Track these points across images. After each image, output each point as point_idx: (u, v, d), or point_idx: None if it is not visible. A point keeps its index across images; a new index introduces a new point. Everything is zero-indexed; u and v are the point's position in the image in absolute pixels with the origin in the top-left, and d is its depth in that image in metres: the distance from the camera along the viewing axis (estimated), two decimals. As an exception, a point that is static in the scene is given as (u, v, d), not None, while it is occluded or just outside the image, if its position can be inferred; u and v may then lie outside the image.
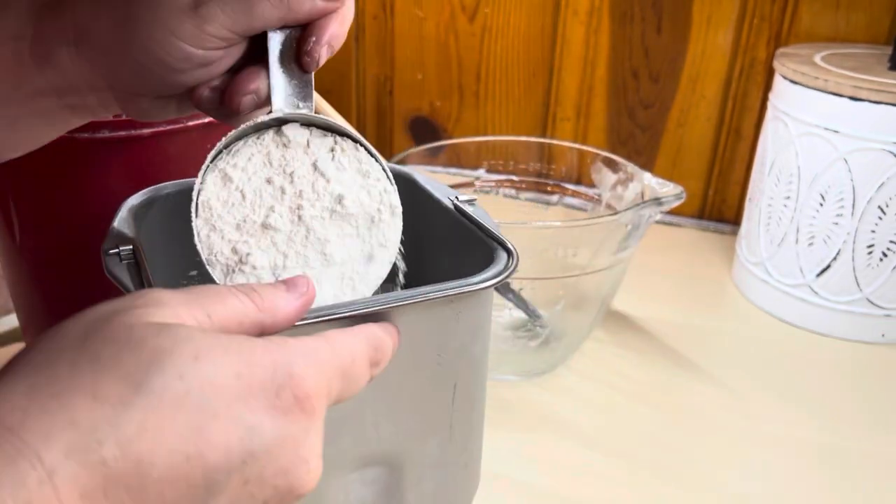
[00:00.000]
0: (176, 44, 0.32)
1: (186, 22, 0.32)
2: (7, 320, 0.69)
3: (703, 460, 0.57)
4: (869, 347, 0.72)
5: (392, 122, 1.06)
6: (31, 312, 0.58)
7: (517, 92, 0.99)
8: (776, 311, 0.76)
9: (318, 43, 0.34)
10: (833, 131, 0.68)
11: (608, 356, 0.69)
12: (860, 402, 0.64)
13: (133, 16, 0.33)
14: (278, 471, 0.24)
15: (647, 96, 0.93)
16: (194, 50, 0.33)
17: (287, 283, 0.28)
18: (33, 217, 0.52)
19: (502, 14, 0.95)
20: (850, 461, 0.57)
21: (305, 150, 0.36)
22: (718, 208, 0.96)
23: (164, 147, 0.51)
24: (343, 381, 0.27)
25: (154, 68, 0.33)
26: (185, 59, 0.33)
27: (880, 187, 0.67)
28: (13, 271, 0.56)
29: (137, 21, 0.33)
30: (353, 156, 0.36)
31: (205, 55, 0.33)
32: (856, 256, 0.70)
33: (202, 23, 0.32)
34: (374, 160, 0.37)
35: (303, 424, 0.24)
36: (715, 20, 0.87)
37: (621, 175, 0.68)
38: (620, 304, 0.75)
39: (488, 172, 0.76)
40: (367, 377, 0.29)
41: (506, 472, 0.55)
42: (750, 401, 0.64)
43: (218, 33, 0.33)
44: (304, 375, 0.25)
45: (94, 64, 0.34)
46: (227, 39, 0.33)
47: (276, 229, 0.35)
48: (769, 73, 0.86)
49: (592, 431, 0.59)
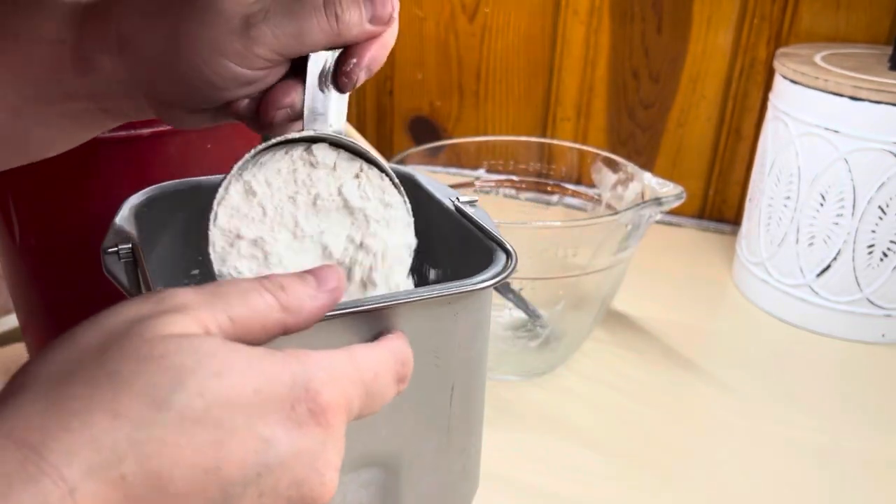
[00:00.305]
0: (223, 63, 0.33)
1: (236, 42, 0.32)
2: (7, 320, 0.69)
3: (704, 460, 0.57)
4: (869, 347, 0.72)
5: (392, 122, 1.06)
6: (31, 312, 0.58)
7: (517, 92, 0.99)
8: (776, 311, 0.76)
9: (357, 65, 0.34)
10: (833, 131, 0.68)
11: (608, 356, 0.69)
12: (860, 402, 0.64)
13: (182, 32, 0.33)
14: (292, 482, 0.24)
15: (648, 96, 0.93)
16: (241, 70, 0.33)
17: (317, 276, 0.27)
18: (33, 217, 0.52)
19: (502, 14, 0.95)
20: (850, 461, 0.57)
21: (332, 172, 0.35)
22: (718, 208, 0.96)
23: (164, 147, 0.51)
24: (365, 397, 0.27)
25: (198, 84, 0.33)
26: (232, 78, 0.33)
27: (880, 187, 0.67)
28: (13, 271, 0.56)
29: (186, 37, 0.33)
30: (378, 185, 0.36)
31: (251, 75, 0.33)
32: (856, 256, 0.70)
33: (251, 44, 0.32)
34: (397, 192, 0.37)
35: (319, 438, 0.24)
36: (715, 20, 0.87)
37: (621, 175, 0.68)
38: (620, 304, 0.75)
39: (488, 172, 0.75)
40: (392, 392, 0.29)
41: (506, 472, 0.55)
42: (750, 401, 0.64)
43: (266, 55, 0.33)
44: (321, 390, 0.25)
45: (134, 74, 0.35)
46: (274, 61, 0.33)
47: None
48: (769, 73, 0.86)
49: (592, 431, 0.59)
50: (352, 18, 0.33)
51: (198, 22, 0.32)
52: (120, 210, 0.41)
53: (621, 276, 0.64)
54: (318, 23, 0.33)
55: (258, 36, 0.32)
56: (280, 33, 0.32)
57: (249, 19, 0.32)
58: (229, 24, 0.32)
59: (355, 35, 0.34)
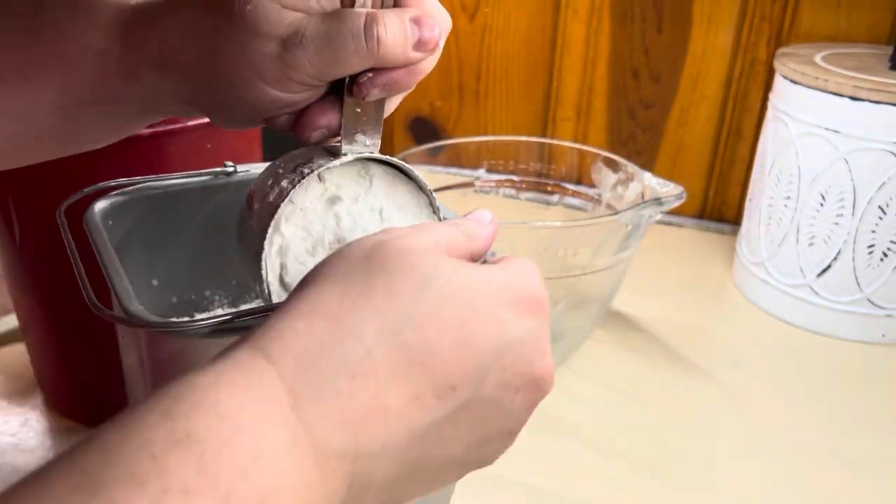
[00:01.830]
0: (260, 86, 0.32)
1: (272, 67, 0.31)
2: (7, 320, 0.69)
3: (703, 460, 0.57)
4: (869, 347, 0.72)
5: (392, 122, 1.06)
6: (31, 312, 0.58)
7: (517, 92, 0.99)
8: (776, 311, 0.76)
9: (371, 81, 0.33)
10: (833, 131, 0.68)
11: (608, 356, 0.69)
12: (860, 402, 0.64)
13: (222, 51, 0.32)
14: (526, 361, 0.28)
15: (648, 96, 0.93)
16: (279, 94, 0.32)
17: (475, 218, 0.32)
18: (33, 217, 0.52)
19: (502, 14, 0.95)
20: (851, 461, 0.57)
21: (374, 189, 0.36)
22: (719, 208, 0.96)
23: (164, 147, 0.51)
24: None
25: (237, 102, 0.33)
26: (270, 101, 0.33)
27: (881, 187, 0.67)
28: (13, 271, 0.56)
29: (225, 57, 0.32)
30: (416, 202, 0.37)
31: (288, 98, 0.33)
32: (856, 256, 0.70)
33: (287, 70, 0.31)
34: (432, 209, 0.37)
35: (539, 323, 0.29)
36: (715, 20, 0.87)
37: (621, 175, 0.68)
38: (620, 304, 0.75)
39: (488, 172, 0.75)
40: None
41: (506, 473, 0.55)
42: (750, 401, 0.64)
43: (302, 80, 0.32)
44: (535, 285, 0.29)
45: (176, 87, 0.35)
46: (311, 85, 0.33)
47: None
48: (769, 73, 0.86)
49: (592, 431, 0.59)
50: (396, 42, 0.31)
51: (236, 43, 0.32)
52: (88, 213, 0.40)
53: (621, 276, 0.64)
54: (357, 48, 0.31)
55: (293, 62, 0.31)
56: (316, 60, 0.31)
57: (286, 42, 0.31)
58: (266, 47, 0.31)
59: (396, 61, 0.32)
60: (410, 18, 0.32)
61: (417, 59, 0.33)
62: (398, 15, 0.32)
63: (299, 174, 0.34)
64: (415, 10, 0.32)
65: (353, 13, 0.31)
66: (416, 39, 0.32)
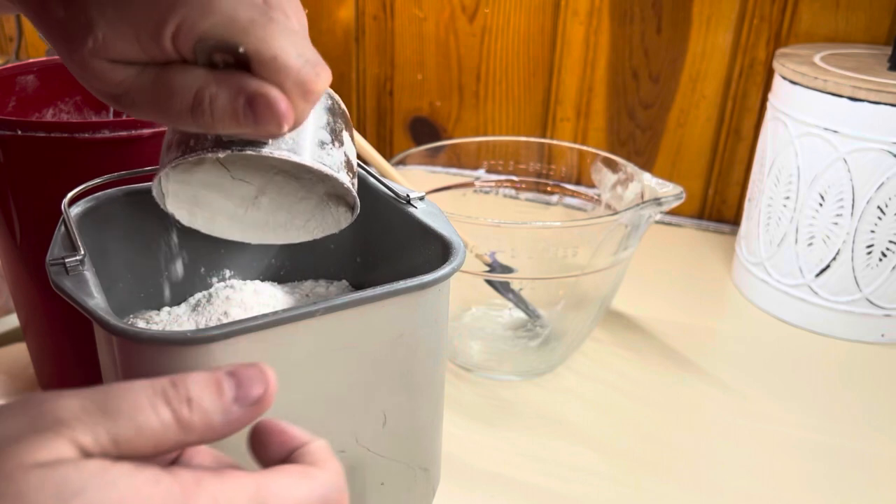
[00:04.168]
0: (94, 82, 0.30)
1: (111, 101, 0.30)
2: (7, 320, 0.69)
3: (703, 460, 0.57)
4: (869, 347, 0.72)
5: (392, 122, 1.06)
6: (31, 312, 0.58)
7: (517, 92, 0.99)
8: (776, 311, 0.76)
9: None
10: (832, 131, 0.68)
11: (608, 356, 0.69)
12: (860, 402, 0.64)
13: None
14: None
15: (647, 96, 0.93)
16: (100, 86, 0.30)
17: (239, 380, 0.23)
18: (33, 217, 0.52)
19: (502, 14, 0.95)
20: (850, 461, 0.57)
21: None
22: (718, 208, 0.96)
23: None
24: None
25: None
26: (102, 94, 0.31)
27: (880, 187, 0.67)
28: (13, 271, 0.56)
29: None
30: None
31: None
32: (855, 256, 0.70)
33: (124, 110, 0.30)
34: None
35: None
36: (715, 20, 0.87)
37: (621, 175, 0.68)
38: (620, 304, 0.75)
39: (488, 172, 0.76)
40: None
41: (505, 472, 0.55)
42: (750, 401, 0.64)
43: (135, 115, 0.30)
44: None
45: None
46: None
47: None
48: (769, 74, 0.87)
49: (592, 431, 0.59)
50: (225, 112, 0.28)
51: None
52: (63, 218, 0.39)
53: (621, 276, 0.64)
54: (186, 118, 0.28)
55: (129, 113, 0.30)
56: (152, 115, 0.29)
57: (119, 101, 0.29)
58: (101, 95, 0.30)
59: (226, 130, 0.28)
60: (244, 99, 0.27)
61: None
62: (229, 84, 0.27)
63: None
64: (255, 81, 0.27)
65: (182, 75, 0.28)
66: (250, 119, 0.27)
